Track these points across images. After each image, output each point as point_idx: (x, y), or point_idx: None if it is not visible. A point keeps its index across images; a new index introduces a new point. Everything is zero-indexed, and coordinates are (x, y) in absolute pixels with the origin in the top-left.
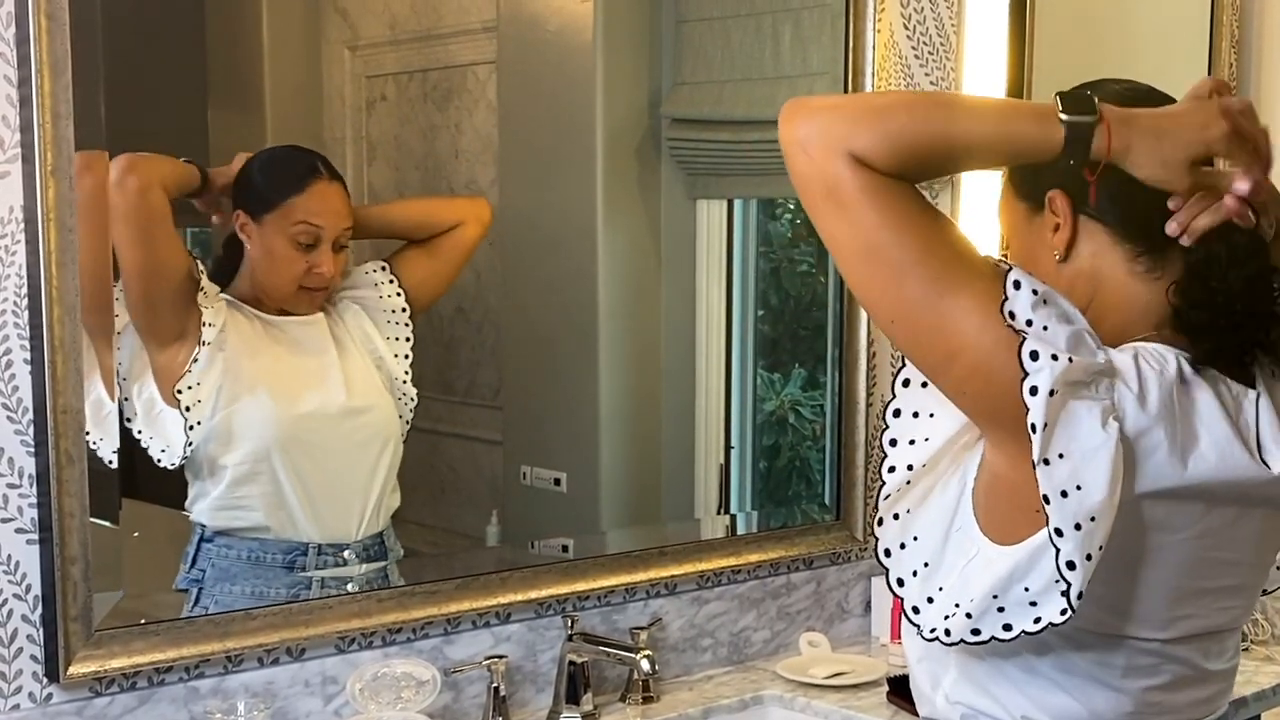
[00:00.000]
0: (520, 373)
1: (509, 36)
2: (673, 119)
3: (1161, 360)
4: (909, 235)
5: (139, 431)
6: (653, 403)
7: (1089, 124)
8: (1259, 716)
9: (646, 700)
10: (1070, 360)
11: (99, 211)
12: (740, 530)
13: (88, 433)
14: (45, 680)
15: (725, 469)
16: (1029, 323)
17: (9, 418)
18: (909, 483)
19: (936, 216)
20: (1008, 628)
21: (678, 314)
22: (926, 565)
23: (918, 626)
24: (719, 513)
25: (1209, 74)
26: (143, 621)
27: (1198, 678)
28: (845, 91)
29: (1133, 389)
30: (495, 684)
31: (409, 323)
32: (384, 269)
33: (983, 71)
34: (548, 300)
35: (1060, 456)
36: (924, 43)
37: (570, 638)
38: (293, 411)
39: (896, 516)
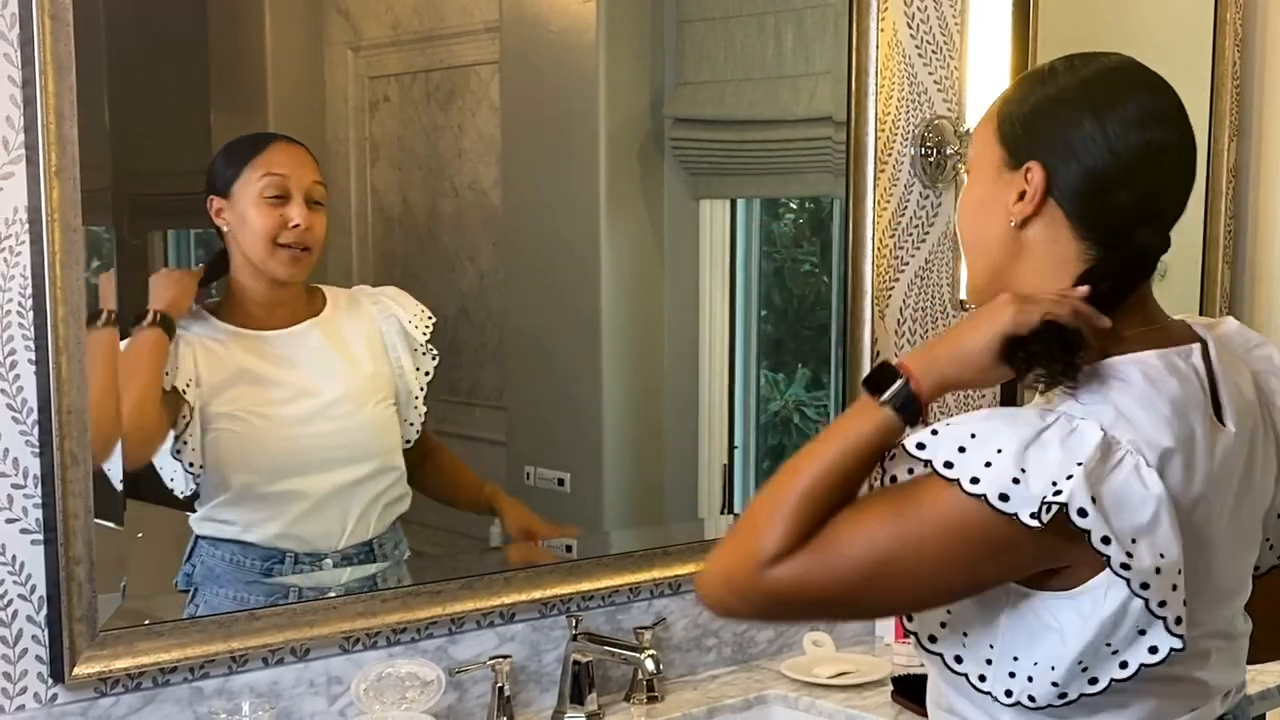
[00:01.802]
0: (524, 373)
1: (512, 37)
2: (675, 119)
3: (1118, 373)
4: (862, 563)
5: (160, 467)
6: (656, 403)
7: (902, 388)
8: (1263, 716)
9: (651, 700)
10: (1080, 465)
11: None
12: None
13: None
14: (50, 681)
15: (729, 469)
16: (1015, 480)
17: (13, 418)
18: None
19: (870, 522)
20: (1094, 681)
21: (681, 314)
22: (966, 635)
23: (988, 693)
24: (723, 512)
25: (1212, 71)
26: (147, 622)
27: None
28: (850, 91)
29: (1124, 426)
30: (500, 684)
31: (432, 356)
32: (429, 319)
33: (986, 70)
34: (551, 301)
35: (1133, 542)
36: (927, 41)
37: (574, 637)
38: (274, 436)
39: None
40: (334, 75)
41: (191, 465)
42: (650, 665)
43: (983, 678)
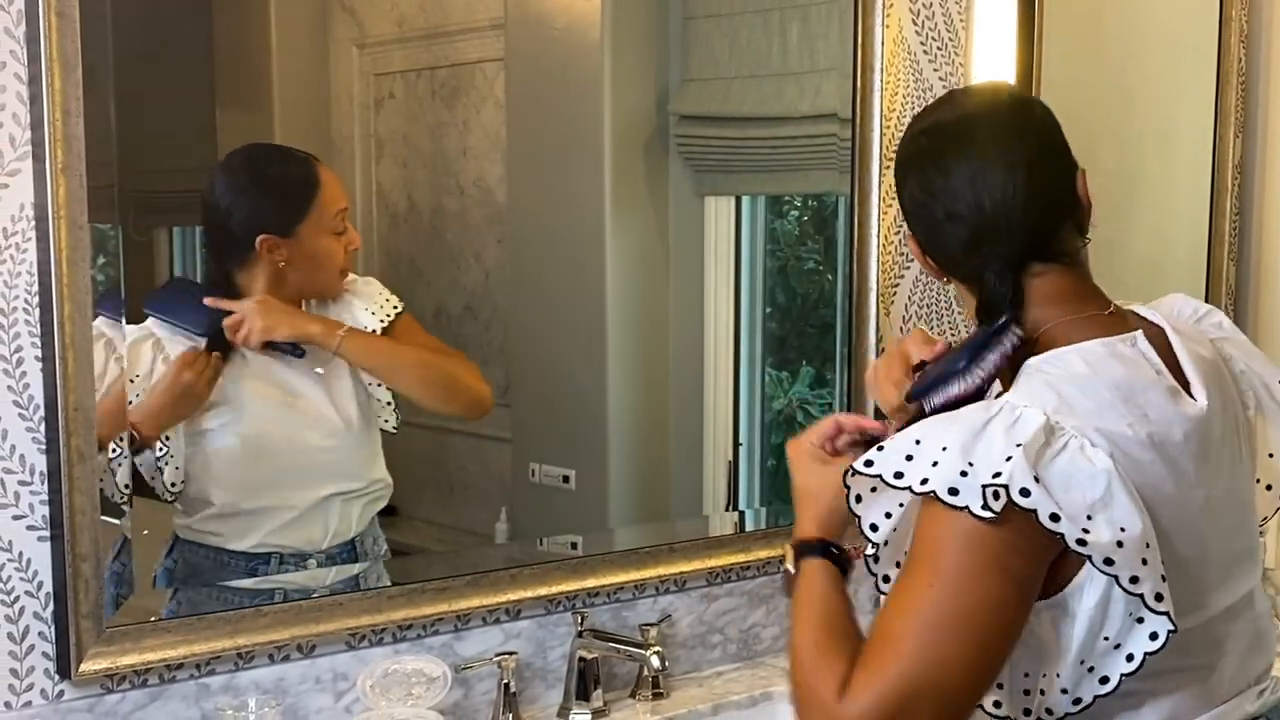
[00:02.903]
0: (528, 370)
1: (517, 34)
2: (680, 116)
3: (1060, 362)
4: (914, 633)
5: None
6: (661, 400)
7: (792, 547)
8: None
9: (656, 697)
10: (1019, 446)
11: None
12: (749, 527)
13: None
14: (57, 677)
15: (734, 466)
16: (963, 474)
17: (20, 415)
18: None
19: (895, 603)
20: (1105, 680)
21: (685, 311)
22: None
23: (1006, 718)
24: (727, 509)
25: (1217, 67)
26: (153, 619)
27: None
28: (855, 88)
29: (1068, 411)
30: (505, 680)
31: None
32: (393, 307)
33: (991, 67)
34: (556, 298)
35: (1089, 518)
36: (932, 38)
37: (580, 634)
38: (261, 452)
39: None
40: (339, 72)
41: (173, 485)
42: (656, 662)
43: (998, 704)
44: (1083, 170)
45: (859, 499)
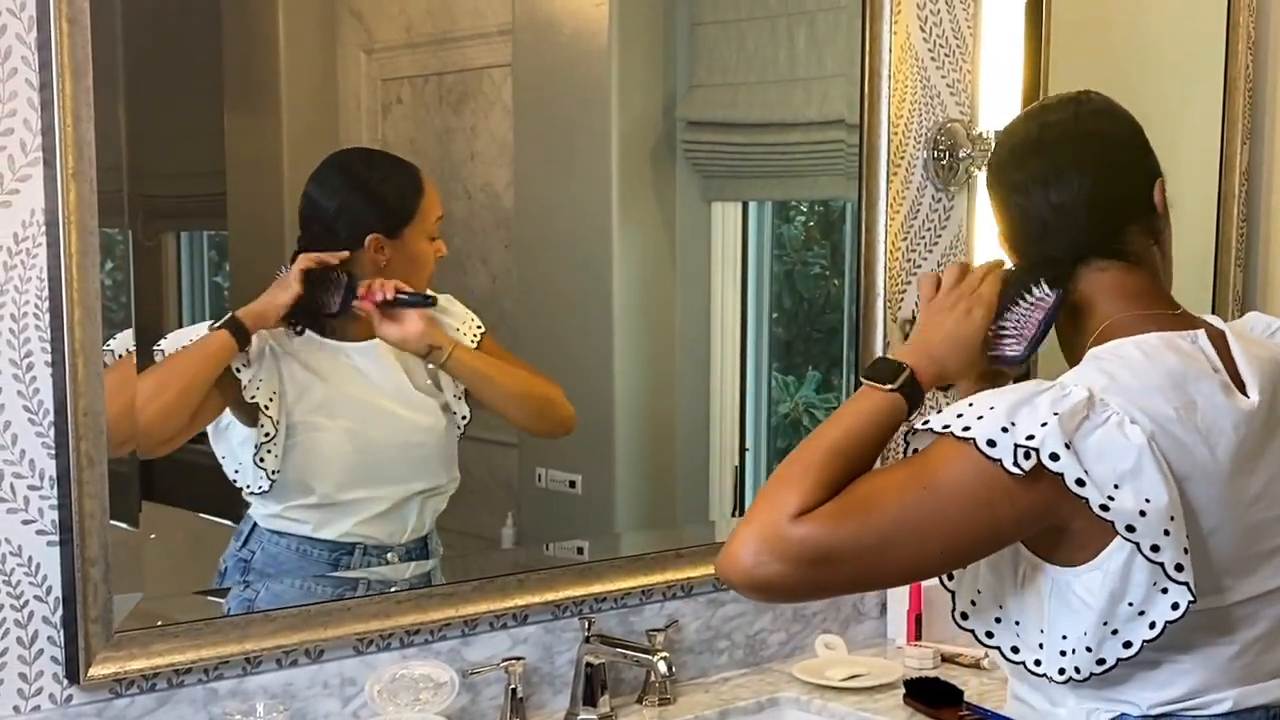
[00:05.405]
0: None
1: (524, 40)
2: (687, 121)
3: (1117, 350)
4: (886, 510)
5: (223, 457)
6: (667, 405)
7: (909, 377)
8: None
9: (663, 702)
10: (1056, 414)
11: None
12: None
13: None
14: (65, 681)
15: (740, 471)
16: (1004, 429)
17: (30, 420)
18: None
19: (890, 478)
20: (1128, 645)
21: (692, 316)
22: (1019, 623)
23: (1044, 675)
24: (734, 515)
25: (1225, 74)
26: (160, 623)
27: None
28: (862, 94)
29: (1115, 391)
30: (513, 685)
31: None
32: (479, 328)
33: (998, 73)
34: (563, 303)
35: (1116, 487)
36: (940, 44)
37: (587, 639)
38: (354, 445)
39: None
40: (347, 77)
41: (275, 473)
42: (662, 667)
43: (1038, 662)
44: (1162, 179)
45: (915, 451)
